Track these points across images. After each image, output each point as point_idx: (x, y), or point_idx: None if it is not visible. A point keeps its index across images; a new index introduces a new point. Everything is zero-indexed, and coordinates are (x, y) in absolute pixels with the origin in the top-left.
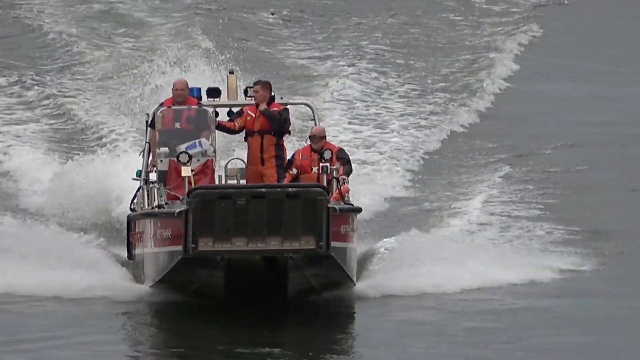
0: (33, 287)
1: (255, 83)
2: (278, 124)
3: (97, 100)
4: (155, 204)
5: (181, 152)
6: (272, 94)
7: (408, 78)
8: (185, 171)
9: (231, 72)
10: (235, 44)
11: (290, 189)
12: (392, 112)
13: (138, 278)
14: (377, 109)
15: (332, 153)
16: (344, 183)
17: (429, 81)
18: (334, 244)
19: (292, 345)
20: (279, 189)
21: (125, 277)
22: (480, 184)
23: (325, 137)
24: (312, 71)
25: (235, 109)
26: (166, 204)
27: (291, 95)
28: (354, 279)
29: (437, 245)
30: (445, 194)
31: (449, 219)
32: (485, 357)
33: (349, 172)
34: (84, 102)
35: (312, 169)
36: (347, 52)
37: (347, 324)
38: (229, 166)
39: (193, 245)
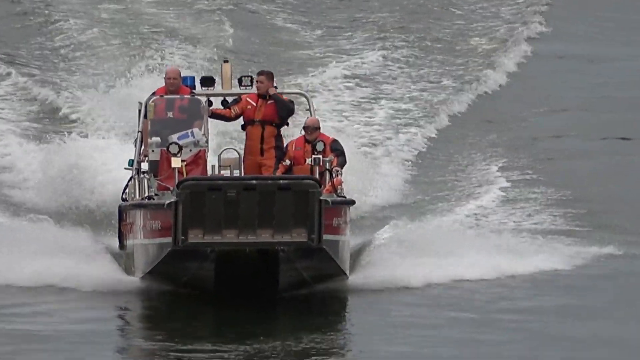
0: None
1: (260, 73)
2: (286, 112)
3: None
4: (146, 195)
5: (171, 143)
6: (275, 85)
7: (409, 59)
8: (176, 162)
9: (226, 61)
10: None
11: (281, 181)
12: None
13: (128, 269)
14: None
15: (324, 145)
16: (338, 175)
17: (434, 63)
18: (326, 236)
19: (282, 338)
20: (270, 181)
21: (112, 268)
22: (484, 174)
23: (319, 128)
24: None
25: (229, 99)
26: (156, 195)
27: (295, 78)
28: (347, 272)
29: (433, 236)
30: (449, 183)
31: (451, 209)
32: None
33: (342, 163)
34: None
35: (305, 160)
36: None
37: (339, 317)
38: (223, 156)
39: (183, 238)
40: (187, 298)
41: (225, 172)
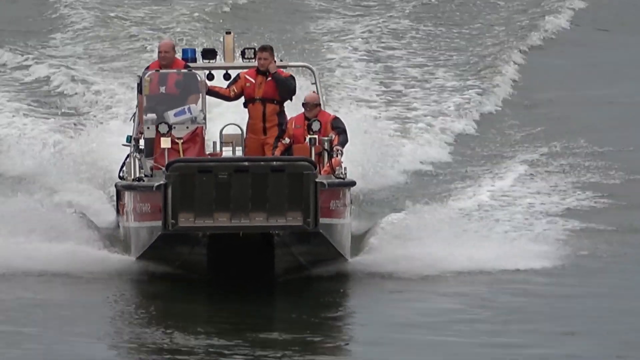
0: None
1: (262, 49)
2: (287, 92)
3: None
4: (137, 175)
5: (160, 122)
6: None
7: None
8: (165, 142)
9: (228, 33)
10: None
11: (275, 163)
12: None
13: (126, 249)
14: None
15: (321, 124)
16: (337, 155)
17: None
18: (322, 220)
19: (279, 326)
20: (262, 163)
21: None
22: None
23: (319, 104)
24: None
25: (232, 73)
26: (146, 176)
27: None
28: (347, 256)
29: (441, 224)
30: (473, 169)
31: (467, 196)
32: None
33: (344, 142)
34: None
35: (305, 139)
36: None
37: (336, 302)
38: (225, 132)
39: (173, 221)
40: (181, 283)
41: (227, 149)
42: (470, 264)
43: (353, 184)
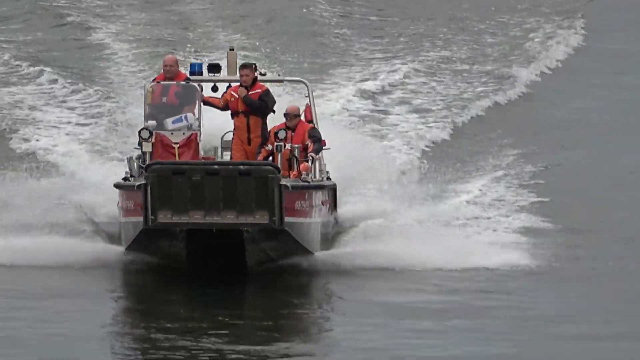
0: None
1: (243, 66)
2: (258, 111)
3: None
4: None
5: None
6: (256, 74)
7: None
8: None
9: (231, 49)
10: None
11: (242, 167)
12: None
13: (120, 242)
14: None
15: (286, 133)
16: (311, 161)
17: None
18: (288, 219)
19: (250, 316)
20: (231, 167)
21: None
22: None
23: (299, 115)
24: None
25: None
26: (132, 176)
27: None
28: (314, 251)
29: (413, 226)
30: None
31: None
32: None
33: (318, 149)
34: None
35: (285, 146)
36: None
37: (303, 294)
38: (225, 138)
39: (152, 218)
40: (162, 273)
41: (227, 154)
42: (426, 261)
43: (320, 187)
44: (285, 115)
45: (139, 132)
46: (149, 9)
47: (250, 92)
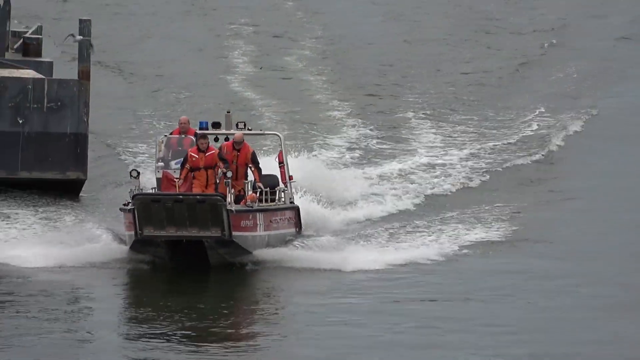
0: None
1: (202, 136)
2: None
3: None
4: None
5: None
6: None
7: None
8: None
9: (228, 112)
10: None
11: (198, 197)
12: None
13: (127, 245)
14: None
15: (234, 154)
16: (257, 191)
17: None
18: (235, 233)
19: (212, 301)
20: (191, 197)
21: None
22: None
23: (243, 140)
24: None
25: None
26: (129, 202)
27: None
28: (254, 253)
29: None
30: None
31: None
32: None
33: (260, 173)
34: None
35: (232, 162)
36: None
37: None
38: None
39: (140, 232)
40: (149, 270)
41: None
42: (353, 265)
43: (259, 210)
44: (235, 142)
45: (130, 172)
46: None
47: (207, 154)
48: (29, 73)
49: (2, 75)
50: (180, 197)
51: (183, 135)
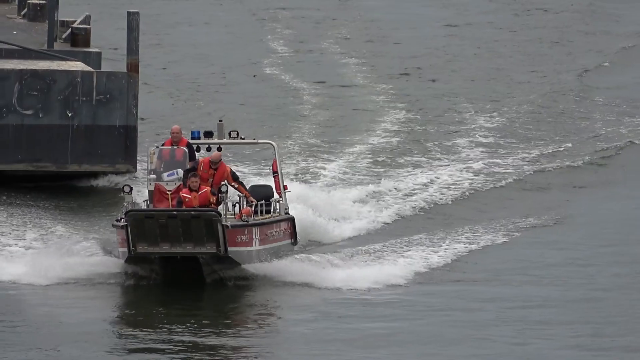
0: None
1: (194, 175)
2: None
3: None
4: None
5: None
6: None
7: None
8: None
9: (220, 120)
10: None
11: (193, 212)
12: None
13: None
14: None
15: (226, 190)
16: (250, 205)
17: None
18: (231, 248)
19: (207, 313)
20: (185, 212)
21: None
22: None
23: (221, 159)
24: None
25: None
26: (122, 218)
27: None
28: (247, 267)
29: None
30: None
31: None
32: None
33: (245, 188)
34: None
35: (207, 180)
36: None
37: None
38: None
39: (133, 249)
40: (143, 286)
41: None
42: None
43: (254, 224)
44: (211, 162)
45: (123, 188)
46: None
47: (200, 193)
48: (77, 65)
49: (51, 69)
50: (175, 212)
51: (175, 147)
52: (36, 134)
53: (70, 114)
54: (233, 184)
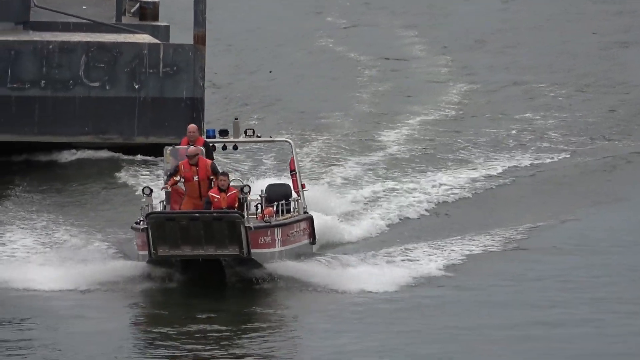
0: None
1: (224, 173)
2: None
3: None
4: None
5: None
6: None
7: None
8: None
9: (236, 119)
10: None
11: (215, 214)
12: None
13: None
14: None
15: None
16: (275, 206)
17: None
18: (254, 250)
19: (228, 316)
20: (207, 214)
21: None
22: None
23: (198, 154)
24: None
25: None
26: (142, 220)
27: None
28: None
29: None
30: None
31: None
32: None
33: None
34: None
35: (193, 178)
36: None
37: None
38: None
39: (154, 252)
40: (162, 289)
41: None
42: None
43: (277, 225)
44: (189, 156)
45: (142, 190)
46: None
47: (228, 193)
48: (144, 38)
49: (117, 41)
50: (196, 214)
51: (191, 146)
52: (103, 106)
53: (137, 86)
54: (212, 177)
